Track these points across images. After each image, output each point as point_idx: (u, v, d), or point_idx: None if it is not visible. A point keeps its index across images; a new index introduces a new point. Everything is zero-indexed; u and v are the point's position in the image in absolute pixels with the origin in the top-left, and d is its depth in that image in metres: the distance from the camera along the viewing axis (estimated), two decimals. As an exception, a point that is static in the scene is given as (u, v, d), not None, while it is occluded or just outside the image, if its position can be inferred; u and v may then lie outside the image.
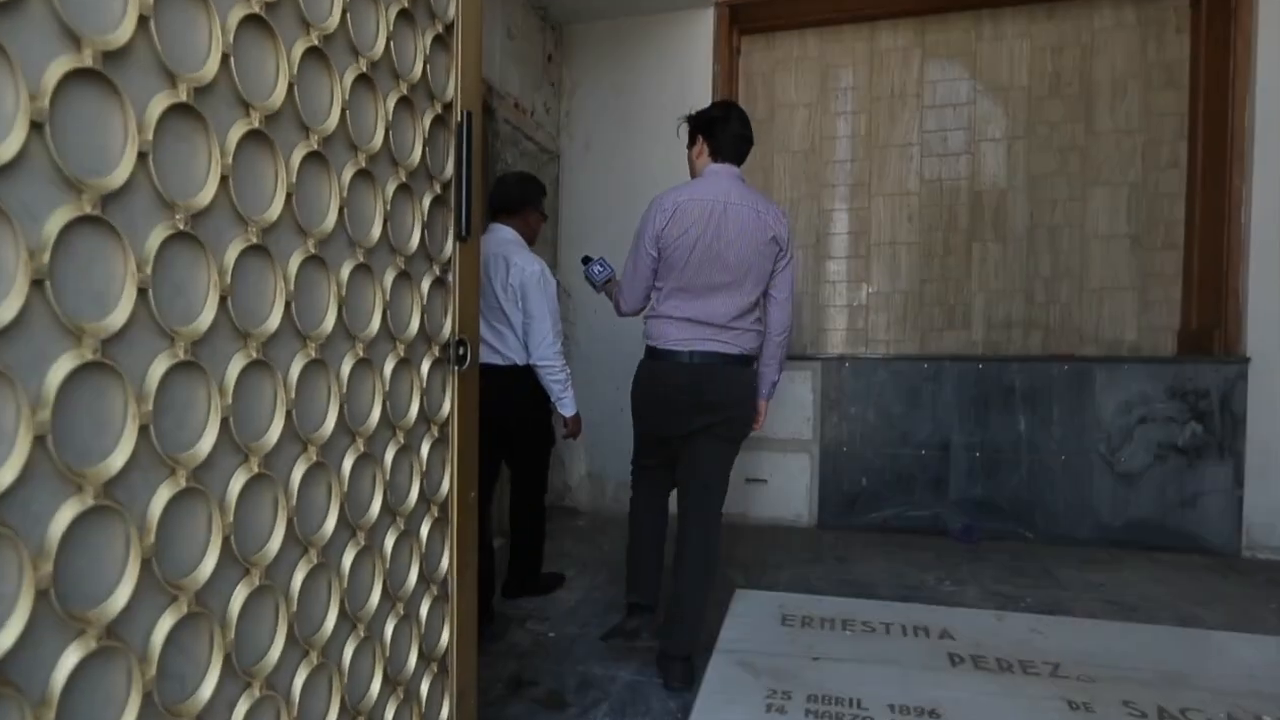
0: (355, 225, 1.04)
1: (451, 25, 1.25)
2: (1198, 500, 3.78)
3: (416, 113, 1.17)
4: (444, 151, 1.26)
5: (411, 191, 1.16)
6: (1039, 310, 4.36)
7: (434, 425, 1.25)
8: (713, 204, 2.21)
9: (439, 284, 1.26)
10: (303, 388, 0.95)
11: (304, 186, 0.94)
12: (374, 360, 1.09)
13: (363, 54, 1.02)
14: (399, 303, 1.15)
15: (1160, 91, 4.20)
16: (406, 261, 1.16)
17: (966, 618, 2.50)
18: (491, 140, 3.75)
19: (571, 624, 2.79)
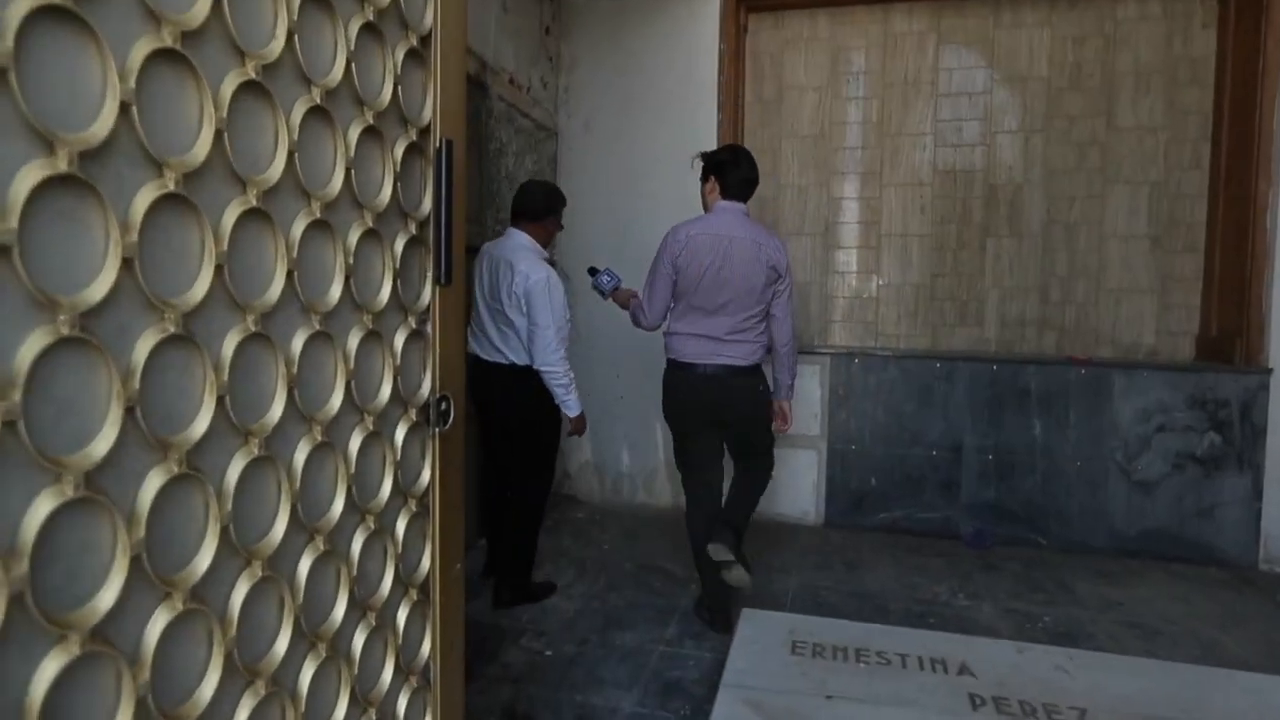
0: (309, 286, 0.87)
1: (429, 37, 1.07)
2: (1215, 511, 3.66)
3: (386, 143, 0.99)
4: (420, 184, 1.09)
5: (380, 237, 1.00)
6: (1054, 310, 4.20)
7: (411, 499, 1.09)
8: (720, 238, 2.62)
9: (416, 336, 1.09)
10: (246, 486, 0.79)
11: (240, 248, 0.77)
12: (335, 441, 0.93)
13: (316, 81, 0.85)
14: (366, 367, 0.99)
15: (1185, 88, 4.00)
16: (375, 318, 0.99)
17: (986, 650, 2.37)
18: (485, 118, 3.55)
19: (570, 640, 2.67)
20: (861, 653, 2.33)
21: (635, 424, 4.39)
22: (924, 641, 2.42)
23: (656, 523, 4.14)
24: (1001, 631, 2.82)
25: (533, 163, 4.13)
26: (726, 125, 4.27)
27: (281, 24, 0.80)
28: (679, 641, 2.66)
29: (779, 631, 2.46)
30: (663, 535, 3.91)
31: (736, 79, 4.40)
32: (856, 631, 2.49)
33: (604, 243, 4.34)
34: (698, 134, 4.26)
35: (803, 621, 2.56)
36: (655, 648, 2.61)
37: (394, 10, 1.00)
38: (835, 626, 2.54)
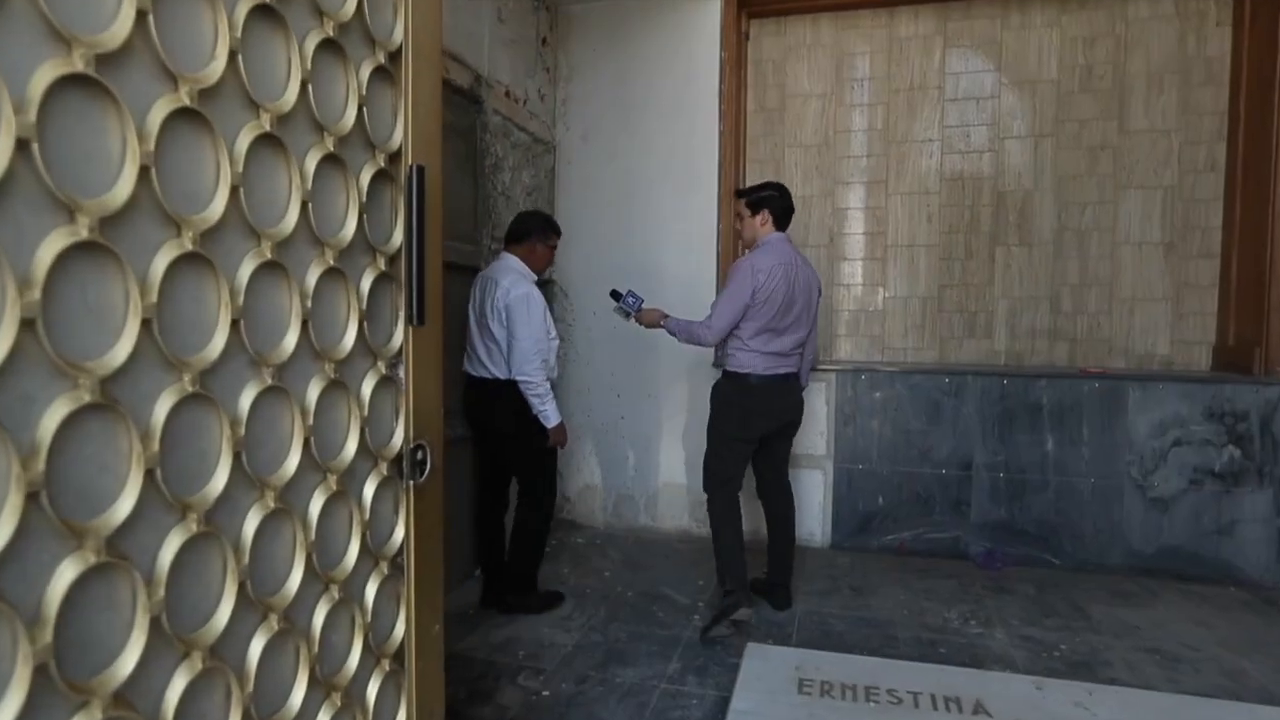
0: (258, 336, 0.77)
1: (399, 53, 0.97)
2: (1234, 528, 3.55)
3: (349, 171, 0.90)
4: (390, 215, 0.99)
5: (344, 275, 0.90)
6: (1065, 320, 4.09)
7: (382, 561, 0.99)
8: (786, 267, 2.96)
9: (386, 383, 1.00)
10: (185, 566, 0.69)
11: (175, 297, 0.67)
12: (292, 505, 0.83)
13: (265, 106, 0.75)
14: (328, 420, 0.89)
15: (1199, 88, 3.90)
16: (339, 366, 0.89)
17: (1002, 685, 2.26)
18: (480, 133, 3.46)
19: (568, 677, 2.56)
20: (871, 691, 2.22)
21: (637, 445, 4.29)
22: (936, 678, 2.31)
23: (659, 547, 4.03)
24: (1016, 662, 2.71)
25: (530, 177, 4.04)
26: (728, 135, 4.18)
27: (222, 43, 0.70)
28: (681, 678, 2.55)
29: (785, 668, 2.36)
30: (666, 560, 3.80)
31: (738, 87, 4.31)
32: (865, 667, 2.39)
33: (604, 257, 4.25)
34: (698, 145, 4.17)
35: (809, 657, 2.45)
36: (657, 685, 2.50)
37: (358, 24, 0.90)
38: (843, 662, 2.43)
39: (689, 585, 3.46)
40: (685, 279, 4.16)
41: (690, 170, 4.18)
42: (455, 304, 3.36)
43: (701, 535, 4.17)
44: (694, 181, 4.17)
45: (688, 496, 4.23)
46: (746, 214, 3.09)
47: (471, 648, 2.77)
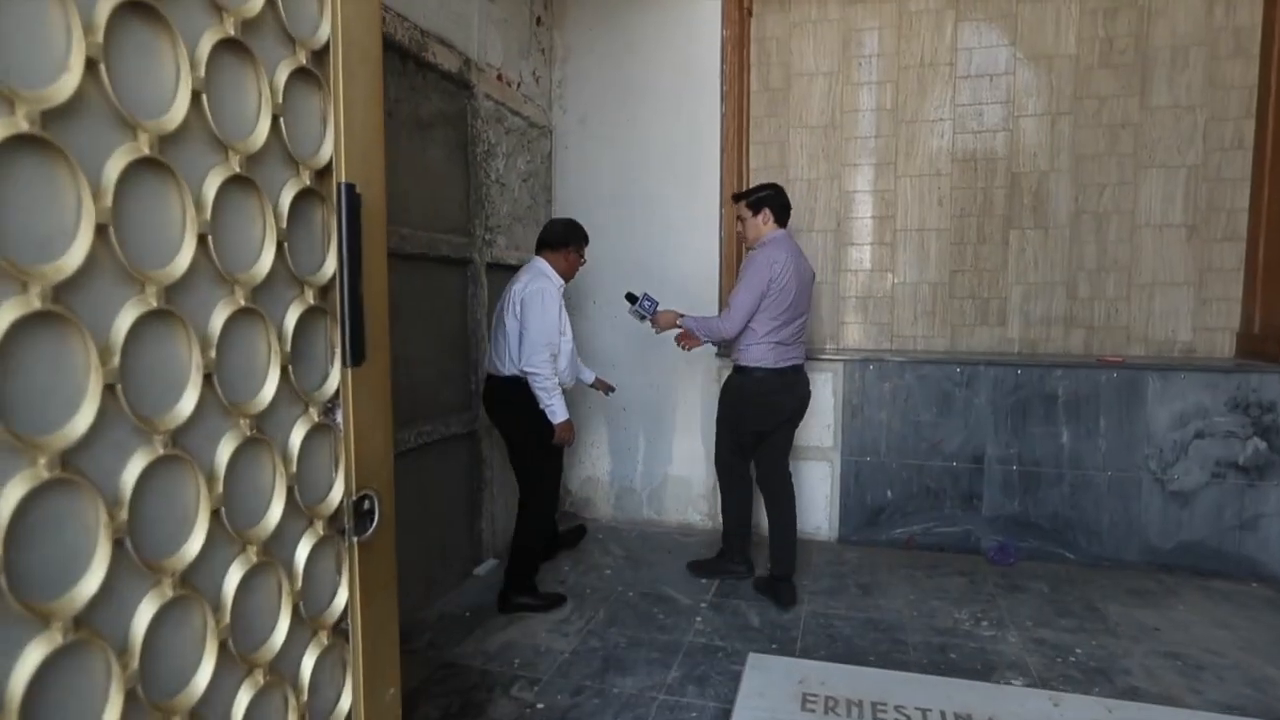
0: (144, 400, 0.66)
1: (324, 51, 0.84)
2: (1258, 523, 3.41)
3: (262, 193, 0.78)
4: (321, 240, 0.87)
5: (260, 315, 0.78)
6: (1082, 306, 3.93)
7: (321, 631, 0.88)
8: (796, 259, 3.13)
9: (320, 431, 0.88)
10: (61, 669, 0.58)
11: (26, 364, 0.56)
12: (201, 588, 0.72)
13: (143, 125, 0.63)
14: (245, 484, 0.78)
15: (1227, 61, 3.69)
16: (257, 420, 0.78)
17: (1017, 702, 2.16)
18: (471, 119, 3.32)
19: (564, 688, 2.48)
20: (879, 708, 2.12)
21: (640, 438, 4.19)
22: (947, 692, 2.20)
23: (662, 541, 3.94)
24: (1029, 668, 2.60)
25: (525, 163, 3.90)
26: (730, 117, 4.02)
27: (77, 51, 0.58)
28: (681, 688, 2.46)
29: (788, 682, 2.26)
30: (669, 556, 3.71)
31: (741, 66, 4.14)
32: (872, 681, 2.29)
33: (605, 242, 4.10)
34: (700, 126, 4.01)
35: (814, 669, 2.35)
36: (655, 696, 2.41)
37: (269, 19, 0.77)
38: (849, 675, 2.33)
39: (692, 584, 3.36)
40: (688, 264, 4.03)
41: (692, 153, 4.03)
42: (449, 300, 3.26)
43: (704, 528, 4.09)
44: (696, 164, 4.02)
45: (691, 489, 4.13)
46: (748, 215, 3.20)
47: (466, 655, 2.69)
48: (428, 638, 2.81)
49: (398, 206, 2.84)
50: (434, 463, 3.13)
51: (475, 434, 3.42)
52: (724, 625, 2.94)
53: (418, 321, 3.01)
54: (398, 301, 2.86)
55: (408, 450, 2.89)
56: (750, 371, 3.14)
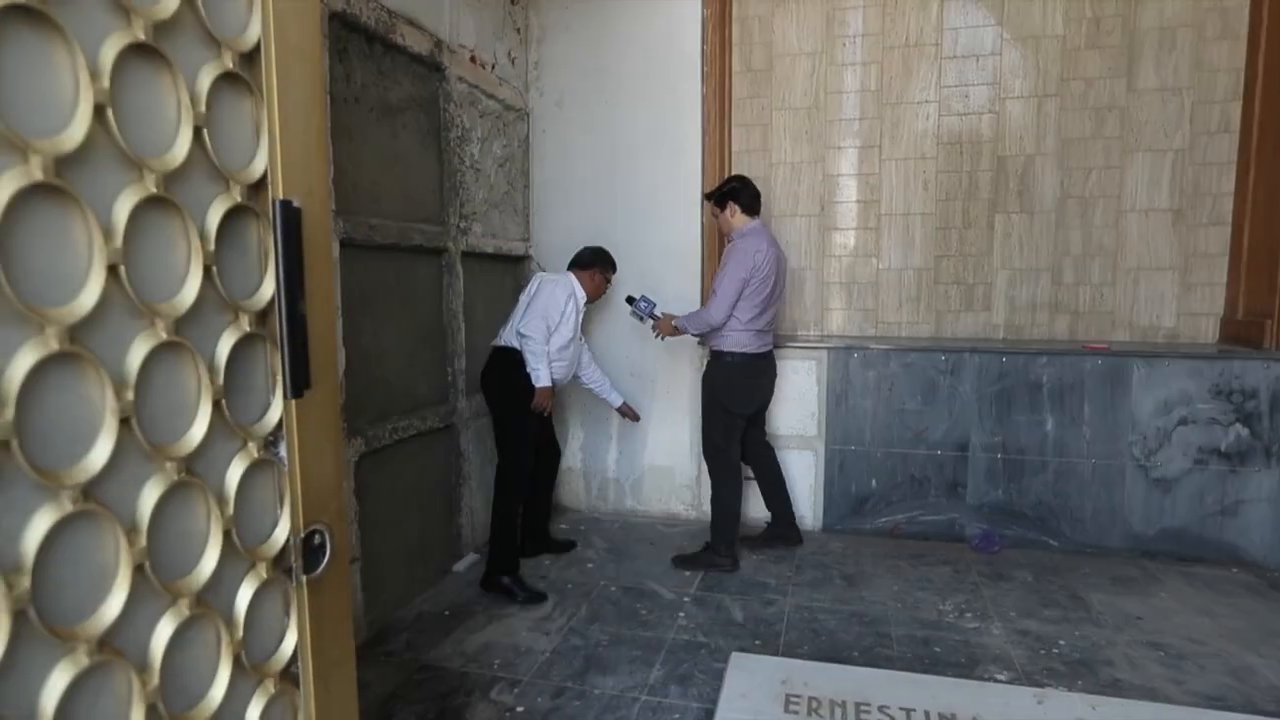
0: (47, 451, 0.58)
1: (255, 53, 0.76)
2: (1239, 509, 3.42)
3: (186, 215, 0.70)
4: (256, 261, 0.79)
5: (188, 349, 0.71)
6: (1067, 292, 3.90)
7: (268, 679, 0.82)
8: (770, 250, 3.25)
9: (261, 466, 0.81)
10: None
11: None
12: (127, 646, 0.65)
13: (35, 147, 0.55)
14: (173, 532, 0.71)
15: (1214, 43, 3.64)
16: (185, 463, 0.71)
17: (1001, 700, 2.14)
18: (443, 103, 3.21)
19: (544, 690, 2.43)
20: (862, 708, 2.09)
21: (622, 427, 4.13)
22: (931, 690, 2.18)
23: (645, 532, 3.90)
24: (1013, 660, 2.59)
25: (501, 147, 3.79)
26: (711, 98, 3.92)
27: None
28: (664, 688, 2.43)
29: (771, 682, 2.23)
30: (651, 548, 3.67)
31: (722, 46, 4.04)
32: (856, 680, 2.26)
33: (585, 227, 4.02)
34: (681, 108, 3.91)
35: (798, 669, 2.32)
36: (638, 697, 2.38)
37: (188, 19, 0.69)
38: (832, 674, 2.30)
39: (675, 577, 3.33)
40: (669, 249, 3.95)
41: (673, 136, 3.93)
42: (423, 291, 3.17)
43: (688, 518, 4.06)
44: (677, 147, 3.93)
45: (675, 479, 4.09)
46: (718, 211, 3.36)
47: (445, 656, 2.64)
48: (405, 639, 2.76)
49: (367, 196, 2.74)
50: (410, 459, 3.06)
51: (453, 428, 3.35)
52: (707, 621, 2.91)
53: (390, 314, 2.92)
54: (368, 294, 2.77)
55: (382, 447, 2.81)
56: (734, 356, 3.28)
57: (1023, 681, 2.44)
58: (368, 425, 2.75)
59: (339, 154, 2.52)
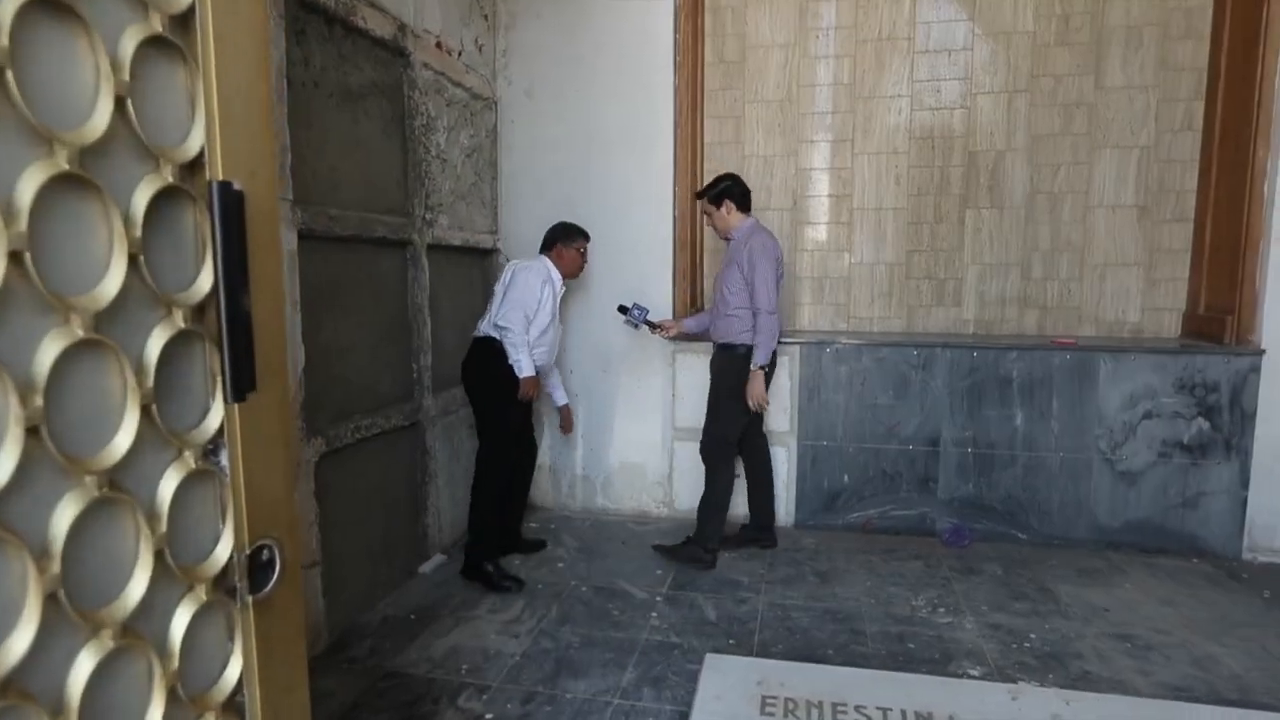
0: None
1: (188, 17, 0.68)
2: (1200, 501, 3.48)
3: (107, 196, 0.62)
4: (192, 250, 0.71)
5: (111, 348, 0.63)
6: (1035, 287, 3.93)
7: (208, 711, 0.74)
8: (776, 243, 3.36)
9: (200, 477, 0.73)
10: None
11: None
12: (40, 686, 0.57)
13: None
14: (95, 554, 0.63)
15: (1178, 42, 3.69)
16: (108, 477, 0.63)
17: (975, 697, 2.13)
18: (408, 90, 3.10)
19: (514, 696, 2.36)
20: (839, 709, 2.07)
21: (591, 424, 4.06)
22: (907, 690, 2.16)
23: (616, 531, 3.84)
24: (986, 655, 2.59)
25: (469, 137, 3.69)
26: (684, 89, 3.86)
27: None
28: (636, 691, 2.37)
29: (746, 683, 2.19)
30: (624, 547, 3.62)
31: (695, 36, 3.98)
32: (832, 680, 2.23)
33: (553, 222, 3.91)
34: (653, 99, 3.85)
35: (773, 669, 2.29)
36: (610, 701, 2.32)
37: (108, -26, 0.61)
38: (808, 674, 2.27)
39: (647, 575, 3.28)
40: (642, 242, 3.89)
41: (645, 127, 3.86)
42: (387, 285, 3.06)
43: (659, 516, 4.01)
44: (649, 139, 3.87)
45: (646, 476, 4.04)
46: (712, 209, 3.33)
47: (410, 662, 2.56)
48: (369, 645, 2.66)
49: (327, 185, 2.63)
50: (373, 458, 2.96)
51: (419, 425, 3.25)
52: (680, 620, 2.87)
53: (352, 309, 2.81)
54: (329, 288, 2.66)
55: (344, 446, 2.71)
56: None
57: (995, 676, 2.44)
58: (329, 424, 2.65)
59: (297, 141, 2.41)
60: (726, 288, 3.31)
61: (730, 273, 3.29)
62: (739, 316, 3.27)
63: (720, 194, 3.30)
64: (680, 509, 3.97)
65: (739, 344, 3.28)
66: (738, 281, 3.27)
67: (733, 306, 3.28)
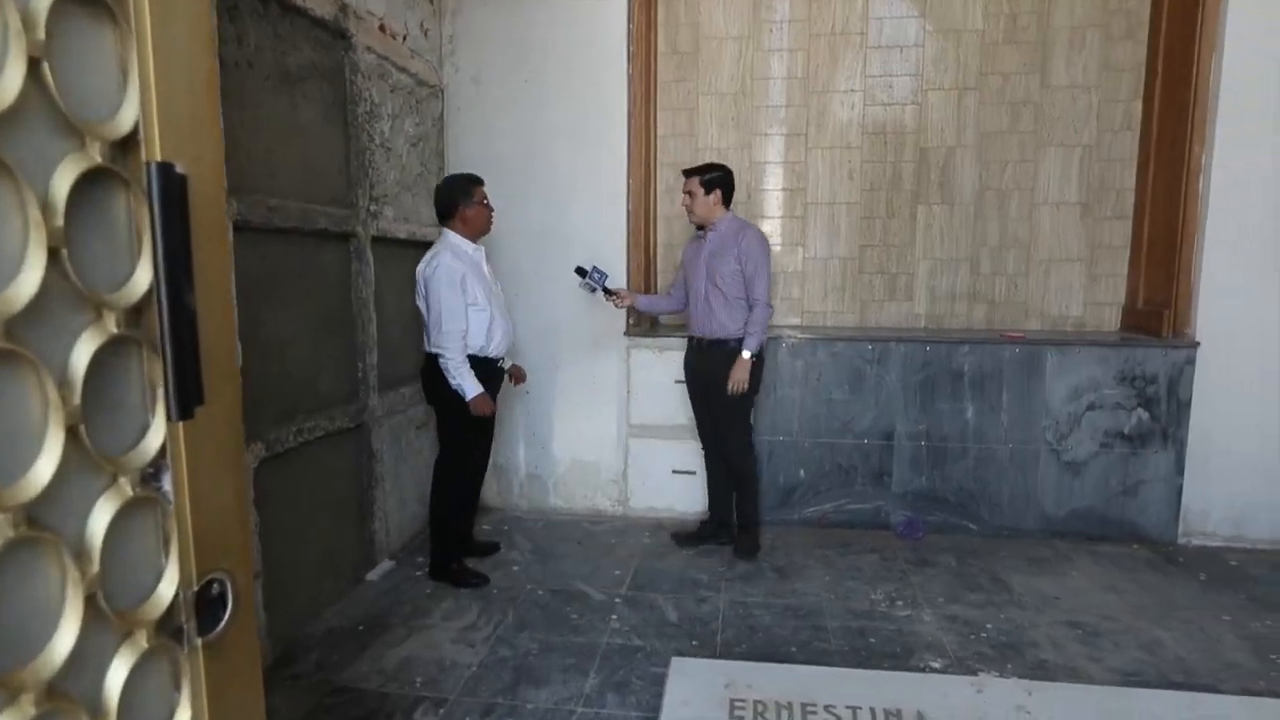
0: None
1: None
2: (1139, 489, 3.60)
3: (20, 177, 0.51)
4: (127, 242, 0.61)
5: (29, 361, 0.52)
6: (984, 282, 4.01)
7: (149, 777, 0.64)
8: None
9: (140, 506, 0.63)
10: None
11: None
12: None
13: None
14: (16, 599, 0.52)
15: (1119, 43, 3.79)
16: (25, 512, 0.53)
17: (940, 691, 2.13)
18: (349, 74, 2.94)
19: (473, 708, 2.27)
20: (808, 709, 2.04)
21: (542, 421, 3.96)
22: (875, 687, 2.15)
23: (570, 531, 3.76)
24: (945, 647, 2.61)
25: (414, 126, 3.54)
26: (637, 80, 3.78)
27: None
28: (600, 698, 2.30)
29: (714, 686, 2.15)
30: (579, 547, 3.54)
31: (648, 26, 3.90)
32: (799, 679, 2.21)
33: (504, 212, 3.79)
34: (605, 89, 3.76)
35: (740, 671, 2.25)
36: (573, 709, 2.25)
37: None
38: (775, 675, 2.24)
39: (605, 577, 3.21)
40: (593, 235, 3.80)
41: (597, 118, 3.77)
42: (330, 279, 2.90)
43: (614, 514, 3.94)
44: (602, 130, 3.78)
45: (601, 474, 3.96)
46: (699, 192, 3.25)
47: (360, 676, 2.43)
48: (315, 658, 2.52)
49: (264, 173, 2.47)
50: (317, 461, 2.80)
51: (364, 426, 3.10)
52: (641, 622, 2.81)
53: (293, 305, 2.65)
54: (268, 283, 2.50)
55: (285, 451, 2.55)
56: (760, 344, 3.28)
57: (956, 668, 2.46)
58: (269, 428, 2.49)
59: (231, 124, 2.25)
60: (720, 280, 3.23)
61: (724, 264, 3.23)
62: (736, 308, 3.25)
63: (714, 181, 3.25)
64: (636, 507, 3.91)
65: (730, 339, 3.25)
66: (735, 274, 3.22)
67: (730, 298, 3.24)
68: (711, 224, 3.29)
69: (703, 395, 3.42)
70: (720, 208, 3.28)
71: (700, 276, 3.30)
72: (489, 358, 3.05)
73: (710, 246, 3.29)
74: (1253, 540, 3.56)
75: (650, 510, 3.90)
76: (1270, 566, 3.36)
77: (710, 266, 3.27)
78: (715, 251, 3.27)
